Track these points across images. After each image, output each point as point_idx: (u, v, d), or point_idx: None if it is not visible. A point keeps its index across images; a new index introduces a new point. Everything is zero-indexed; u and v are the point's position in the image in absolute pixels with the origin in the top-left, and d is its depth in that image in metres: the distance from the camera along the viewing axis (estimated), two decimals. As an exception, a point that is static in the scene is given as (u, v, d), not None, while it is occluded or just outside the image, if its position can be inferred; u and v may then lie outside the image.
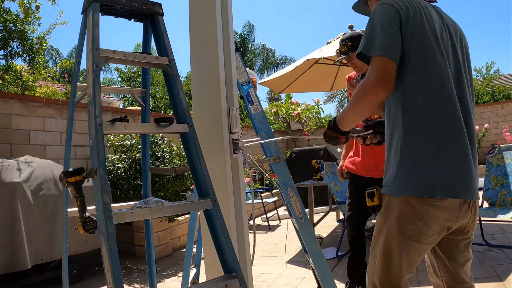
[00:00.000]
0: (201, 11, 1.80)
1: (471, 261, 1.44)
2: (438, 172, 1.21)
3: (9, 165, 3.15)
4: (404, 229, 1.25)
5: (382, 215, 1.32)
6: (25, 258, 2.92)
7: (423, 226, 1.23)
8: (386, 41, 1.22)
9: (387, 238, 1.29)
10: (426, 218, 1.23)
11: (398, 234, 1.26)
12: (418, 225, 1.23)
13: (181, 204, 1.41)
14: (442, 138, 1.23)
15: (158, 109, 13.72)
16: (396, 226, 1.26)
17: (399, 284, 1.30)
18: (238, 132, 1.79)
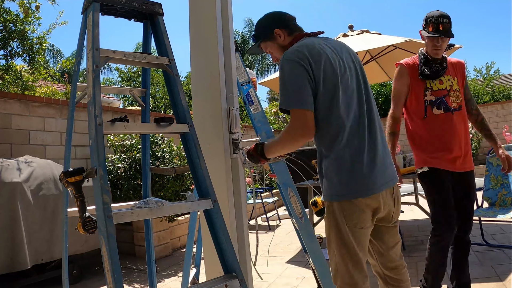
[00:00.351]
0: (201, 11, 1.80)
1: (400, 244, 1.67)
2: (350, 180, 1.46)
3: (9, 165, 3.15)
4: (347, 223, 1.47)
5: (328, 216, 1.52)
6: (25, 258, 2.92)
7: (362, 214, 1.47)
8: (300, 94, 1.42)
9: (337, 232, 1.49)
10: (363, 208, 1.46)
11: (344, 226, 1.47)
12: (358, 215, 1.46)
13: (181, 204, 1.41)
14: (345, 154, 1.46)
15: (158, 109, 13.72)
16: (341, 221, 1.47)
17: (362, 266, 1.50)
18: (238, 132, 1.79)
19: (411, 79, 2.34)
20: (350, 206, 1.46)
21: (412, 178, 4.47)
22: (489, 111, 9.76)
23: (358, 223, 1.47)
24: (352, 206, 1.45)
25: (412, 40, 4.33)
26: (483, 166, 3.59)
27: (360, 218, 1.47)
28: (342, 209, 1.46)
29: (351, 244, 1.48)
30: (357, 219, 1.46)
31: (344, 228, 1.47)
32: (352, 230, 1.47)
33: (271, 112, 10.50)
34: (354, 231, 1.47)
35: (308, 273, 3.23)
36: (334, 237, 1.51)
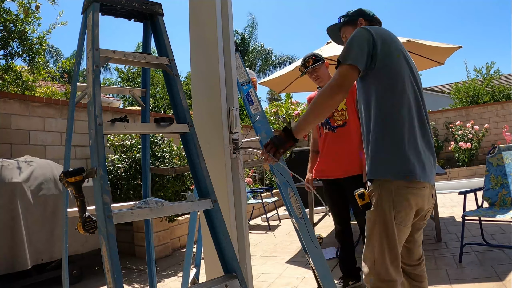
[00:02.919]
0: (201, 11, 1.80)
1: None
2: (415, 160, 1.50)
3: (9, 165, 3.15)
4: (396, 218, 1.48)
5: (374, 209, 1.53)
6: (25, 258, 2.92)
7: (410, 211, 1.50)
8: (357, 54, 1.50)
9: (384, 227, 1.49)
10: (412, 204, 1.50)
11: (392, 223, 1.48)
12: (407, 212, 1.49)
13: (181, 204, 1.41)
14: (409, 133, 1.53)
15: (158, 109, 13.72)
16: (389, 216, 1.48)
17: (399, 264, 1.51)
18: (238, 132, 1.79)
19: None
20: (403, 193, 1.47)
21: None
22: (489, 111, 9.75)
23: (404, 221, 1.50)
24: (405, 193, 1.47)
25: (412, 41, 4.33)
26: (483, 166, 3.59)
27: (407, 216, 1.49)
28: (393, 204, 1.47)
29: (395, 241, 1.49)
30: (404, 216, 1.49)
31: (391, 225, 1.48)
32: (399, 228, 1.49)
33: (271, 112, 10.50)
34: (400, 229, 1.50)
35: (308, 273, 3.23)
36: (378, 232, 1.51)
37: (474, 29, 63.29)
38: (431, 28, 71.06)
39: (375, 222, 1.52)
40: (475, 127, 9.18)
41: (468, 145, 8.91)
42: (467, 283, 2.63)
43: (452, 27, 68.42)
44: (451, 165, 9.39)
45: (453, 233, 4.04)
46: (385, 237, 1.49)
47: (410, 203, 1.49)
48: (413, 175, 1.48)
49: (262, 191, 6.32)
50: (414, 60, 5.84)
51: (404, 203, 1.49)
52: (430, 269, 3.00)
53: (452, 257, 3.23)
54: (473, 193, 3.35)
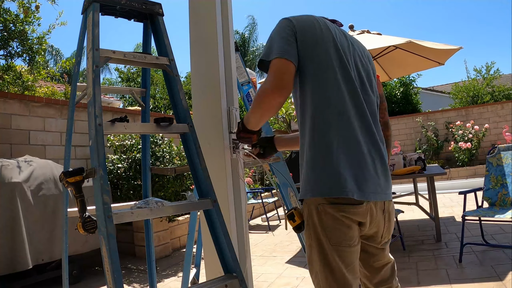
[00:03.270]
0: (201, 11, 1.80)
1: (390, 264, 1.41)
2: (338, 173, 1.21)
3: (9, 165, 3.15)
4: (331, 240, 1.22)
5: (308, 231, 1.28)
6: (26, 258, 2.92)
7: (348, 230, 1.22)
8: (283, 45, 1.25)
9: (320, 251, 1.25)
10: (346, 222, 1.22)
11: (328, 245, 1.23)
12: (343, 231, 1.22)
13: (181, 204, 1.41)
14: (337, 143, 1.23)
15: (158, 109, 13.73)
16: (324, 240, 1.23)
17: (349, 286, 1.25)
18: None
19: None
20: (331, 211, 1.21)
21: (412, 178, 4.48)
22: (489, 111, 9.76)
23: (344, 241, 1.22)
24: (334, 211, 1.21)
25: (412, 41, 4.34)
26: (483, 166, 3.60)
27: (346, 235, 1.22)
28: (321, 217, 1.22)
29: (337, 266, 1.22)
30: (342, 236, 1.22)
31: (328, 247, 1.22)
32: (338, 250, 1.22)
33: (271, 112, 10.50)
34: (340, 251, 1.22)
35: (308, 273, 3.23)
36: (316, 257, 1.26)
37: (474, 29, 63.26)
38: (431, 28, 71.05)
39: (310, 246, 1.28)
40: (475, 127, 9.18)
41: (468, 145, 8.91)
42: (467, 283, 2.63)
43: (452, 27, 68.40)
44: (451, 165, 9.39)
45: (453, 233, 4.04)
46: (324, 262, 1.24)
47: (343, 221, 1.21)
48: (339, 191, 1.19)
49: (262, 191, 6.32)
50: (415, 60, 5.84)
51: (336, 221, 1.21)
52: (430, 269, 3.00)
53: (452, 257, 3.23)
54: (473, 193, 3.35)
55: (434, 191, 4.03)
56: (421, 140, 10.03)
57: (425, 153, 9.53)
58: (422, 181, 5.84)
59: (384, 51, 5.07)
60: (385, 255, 1.39)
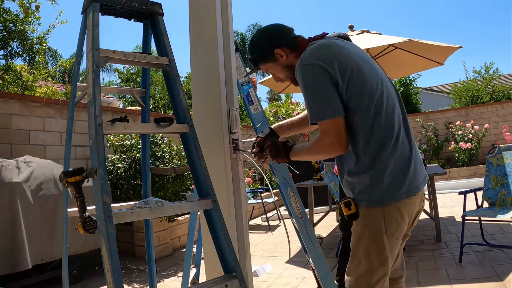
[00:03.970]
0: (201, 11, 1.80)
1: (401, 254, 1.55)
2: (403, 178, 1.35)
3: (9, 165, 3.15)
4: (387, 231, 1.34)
5: (361, 222, 1.37)
6: (26, 258, 2.92)
7: (402, 222, 1.36)
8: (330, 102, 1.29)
9: (373, 241, 1.34)
10: (404, 215, 1.36)
11: (383, 235, 1.33)
12: (399, 223, 1.35)
13: (181, 204, 1.41)
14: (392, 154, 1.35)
15: (158, 109, 13.72)
16: (380, 228, 1.33)
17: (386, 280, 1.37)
18: (238, 132, 1.79)
19: None
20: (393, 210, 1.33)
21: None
22: (489, 111, 9.76)
23: (396, 232, 1.35)
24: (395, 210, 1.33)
25: (412, 40, 4.33)
26: (483, 166, 3.59)
27: (399, 227, 1.34)
28: (383, 215, 1.33)
29: (387, 255, 1.34)
30: (396, 228, 1.34)
31: (382, 237, 1.33)
32: (390, 241, 1.34)
33: (271, 112, 10.51)
34: (391, 242, 1.34)
35: (308, 273, 3.23)
36: (366, 245, 1.35)
37: (474, 29, 63.25)
38: (431, 28, 71.06)
39: (362, 234, 1.37)
40: (475, 127, 9.18)
41: (468, 145, 8.91)
42: (467, 283, 2.63)
43: (452, 27, 68.42)
44: (451, 165, 9.39)
45: (453, 233, 4.04)
46: (374, 251, 1.34)
47: (401, 213, 1.35)
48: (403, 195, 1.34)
49: (262, 191, 6.32)
50: (414, 60, 5.83)
51: (395, 213, 1.34)
52: (430, 269, 3.00)
53: (452, 257, 3.23)
54: (473, 193, 3.35)
55: (434, 191, 4.03)
56: (421, 140, 10.03)
57: (425, 153, 9.53)
58: (422, 181, 5.81)
59: (384, 51, 5.07)
60: (403, 245, 1.50)
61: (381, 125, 1.32)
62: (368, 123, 1.32)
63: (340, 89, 1.30)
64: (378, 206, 1.34)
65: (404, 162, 1.34)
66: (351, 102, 1.31)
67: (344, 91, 1.30)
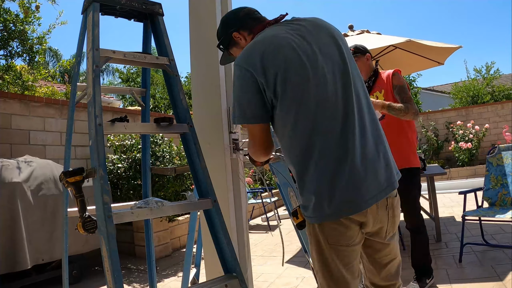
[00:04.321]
0: (201, 11, 1.80)
1: (397, 262, 1.40)
2: (329, 200, 1.19)
3: (9, 165, 3.15)
4: (329, 240, 1.22)
5: (308, 230, 1.29)
6: (26, 258, 2.92)
7: (345, 230, 1.21)
8: (251, 107, 1.24)
9: (318, 250, 1.25)
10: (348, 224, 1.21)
11: (325, 244, 1.23)
12: (340, 231, 1.21)
13: (181, 204, 1.41)
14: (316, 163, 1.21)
15: (158, 109, 13.72)
16: (322, 238, 1.23)
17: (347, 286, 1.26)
18: (238, 132, 1.79)
19: None
20: (331, 225, 1.21)
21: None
22: (489, 111, 9.76)
23: (341, 240, 1.22)
24: (333, 225, 1.21)
25: (412, 40, 4.33)
26: (483, 166, 3.59)
27: (344, 235, 1.21)
28: (322, 229, 1.23)
29: (335, 265, 1.23)
30: (340, 236, 1.21)
31: (325, 246, 1.23)
32: (335, 249, 1.22)
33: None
34: (338, 250, 1.22)
35: (308, 273, 3.23)
36: (316, 255, 1.27)
37: (474, 29, 63.26)
38: (431, 28, 71.07)
39: (311, 244, 1.29)
40: (476, 127, 9.18)
41: (469, 145, 8.91)
42: (467, 283, 2.63)
43: (452, 27, 68.40)
44: (451, 165, 9.40)
45: (453, 233, 4.04)
46: (322, 262, 1.25)
47: (341, 222, 1.20)
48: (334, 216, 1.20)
49: (262, 191, 6.32)
50: (414, 60, 5.79)
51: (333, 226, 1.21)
52: (430, 269, 3.00)
53: (452, 257, 3.23)
54: (473, 193, 3.35)
55: (434, 191, 4.03)
56: (421, 140, 10.03)
57: (425, 153, 9.53)
58: (422, 181, 5.81)
59: (384, 51, 5.07)
60: (391, 250, 1.36)
61: (298, 132, 1.20)
62: (288, 133, 1.23)
63: (268, 93, 1.22)
64: (314, 222, 1.24)
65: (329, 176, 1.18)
66: (278, 107, 1.23)
67: (273, 95, 1.22)
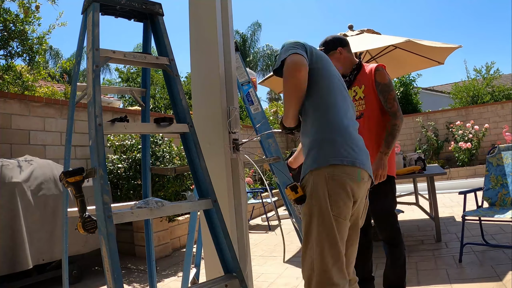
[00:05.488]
0: (201, 11, 1.80)
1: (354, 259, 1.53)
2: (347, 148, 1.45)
3: (9, 165, 3.15)
4: (333, 209, 1.34)
5: (309, 201, 1.40)
6: (26, 258, 2.92)
7: (348, 202, 1.37)
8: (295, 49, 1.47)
9: (321, 219, 1.35)
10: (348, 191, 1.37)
11: (329, 214, 1.34)
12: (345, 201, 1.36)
13: (181, 204, 1.41)
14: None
15: (158, 109, 13.72)
16: (325, 208, 1.35)
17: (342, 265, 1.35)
18: (238, 132, 1.79)
19: None
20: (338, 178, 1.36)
21: (412, 178, 4.48)
22: (489, 111, 9.75)
23: (342, 213, 1.35)
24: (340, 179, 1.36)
25: (411, 40, 4.34)
26: (483, 166, 3.59)
27: (345, 206, 1.36)
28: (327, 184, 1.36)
29: (335, 236, 1.32)
30: (343, 207, 1.35)
31: (329, 217, 1.33)
32: (338, 221, 1.34)
33: (271, 112, 10.51)
34: (339, 223, 1.34)
35: (308, 273, 3.23)
36: (316, 227, 1.35)
37: (474, 29, 63.23)
38: (431, 28, 71.05)
39: (311, 216, 1.38)
40: (475, 127, 9.18)
41: (468, 145, 8.91)
42: (467, 283, 2.63)
43: (452, 27, 68.41)
44: (451, 165, 9.39)
45: (453, 233, 4.04)
46: (323, 232, 1.33)
47: (346, 190, 1.37)
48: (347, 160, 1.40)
49: (262, 191, 6.32)
50: (414, 59, 5.83)
51: (339, 191, 1.36)
52: (430, 269, 3.00)
53: (452, 257, 3.23)
54: (473, 193, 3.35)
55: (434, 191, 4.03)
56: (421, 140, 10.03)
57: (425, 153, 9.53)
58: (422, 181, 5.84)
59: (384, 51, 5.07)
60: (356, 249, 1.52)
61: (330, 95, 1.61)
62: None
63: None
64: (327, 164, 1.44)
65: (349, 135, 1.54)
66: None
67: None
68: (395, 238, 2.33)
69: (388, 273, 2.35)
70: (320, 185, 1.37)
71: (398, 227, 2.35)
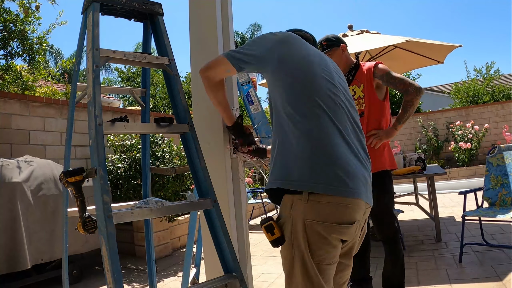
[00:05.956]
0: (201, 11, 1.80)
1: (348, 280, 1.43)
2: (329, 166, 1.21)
3: (9, 165, 3.15)
4: (314, 258, 1.20)
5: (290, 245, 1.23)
6: (25, 258, 2.92)
7: (332, 249, 1.21)
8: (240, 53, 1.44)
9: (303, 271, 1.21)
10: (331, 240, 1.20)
11: (310, 261, 1.20)
12: (327, 250, 1.20)
13: (181, 204, 1.41)
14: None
15: (158, 109, 13.72)
16: (307, 254, 1.19)
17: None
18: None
19: None
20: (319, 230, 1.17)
21: (412, 178, 4.48)
22: (489, 111, 9.76)
23: (327, 259, 1.20)
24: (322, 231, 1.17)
25: (412, 40, 4.34)
26: (483, 166, 3.59)
27: (330, 253, 1.20)
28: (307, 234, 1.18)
29: (318, 281, 1.20)
30: (325, 254, 1.20)
31: (310, 263, 1.19)
32: (319, 266, 1.20)
33: (271, 112, 10.49)
34: (321, 267, 1.20)
35: (308, 273, 3.23)
36: (300, 274, 1.21)
37: (474, 29, 63.23)
38: (431, 28, 71.06)
39: (293, 260, 1.22)
40: (475, 127, 9.18)
41: (468, 145, 8.91)
42: (467, 283, 2.63)
43: (452, 27, 68.42)
44: (451, 165, 9.39)
45: (453, 233, 4.04)
46: (307, 278, 1.20)
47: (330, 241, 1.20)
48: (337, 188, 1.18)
49: (262, 191, 6.32)
50: (414, 59, 5.85)
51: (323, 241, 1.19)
52: (430, 269, 3.00)
53: (452, 257, 3.23)
54: (473, 193, 3.35)
55: (434, 191, 4.03)
56: (421, 140, 10.03)
57: (425, 153, 9.53)
58: (422, 181, 5.84)
59: (384, 51, 5.07)
60: (349, 272, 1.39)
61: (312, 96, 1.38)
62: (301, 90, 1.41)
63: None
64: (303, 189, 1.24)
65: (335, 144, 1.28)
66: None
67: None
68: (394, 237, 2.33)
69: (388, 273, 2.35)
70: (297, 234, 1.20)
71: (396, 226, 2.35)
